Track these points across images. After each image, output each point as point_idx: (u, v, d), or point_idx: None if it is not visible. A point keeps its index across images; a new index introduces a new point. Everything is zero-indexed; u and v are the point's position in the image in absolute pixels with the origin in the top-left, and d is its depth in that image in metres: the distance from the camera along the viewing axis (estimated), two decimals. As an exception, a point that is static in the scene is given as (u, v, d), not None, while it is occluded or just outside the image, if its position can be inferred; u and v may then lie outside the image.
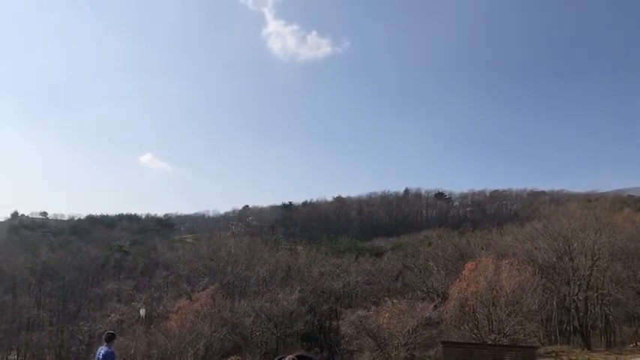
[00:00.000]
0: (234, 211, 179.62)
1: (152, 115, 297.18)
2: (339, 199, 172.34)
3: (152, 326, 62.40)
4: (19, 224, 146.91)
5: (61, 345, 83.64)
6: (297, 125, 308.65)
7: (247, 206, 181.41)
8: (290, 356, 1.30)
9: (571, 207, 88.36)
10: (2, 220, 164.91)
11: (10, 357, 79.37)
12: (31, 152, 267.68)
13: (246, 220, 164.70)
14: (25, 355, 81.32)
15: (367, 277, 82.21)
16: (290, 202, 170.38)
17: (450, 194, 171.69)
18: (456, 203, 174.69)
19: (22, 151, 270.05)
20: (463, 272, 60.74)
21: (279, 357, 1.28)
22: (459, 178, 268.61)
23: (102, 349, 12.71)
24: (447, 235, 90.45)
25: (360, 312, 57.62)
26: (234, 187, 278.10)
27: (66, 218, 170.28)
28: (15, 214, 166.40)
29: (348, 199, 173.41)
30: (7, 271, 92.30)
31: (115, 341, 13.32)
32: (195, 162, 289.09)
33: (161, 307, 72.32)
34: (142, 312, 33.67)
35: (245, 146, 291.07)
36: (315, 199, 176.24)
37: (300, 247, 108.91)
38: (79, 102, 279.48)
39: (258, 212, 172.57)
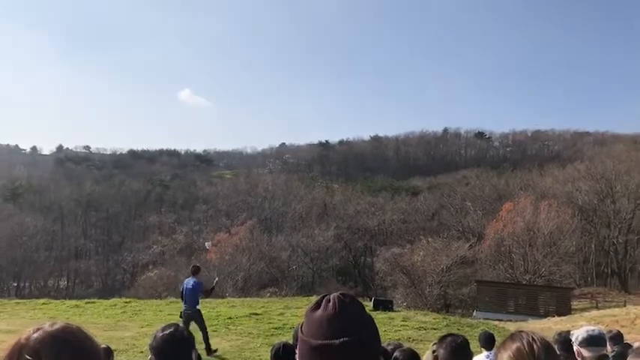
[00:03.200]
0: (271, 149, 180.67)
1: (190, 50, 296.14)
2: (376, 138, 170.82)
3: (193, 257, 64.75)
4: (64, 158, 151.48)
5: (107, 273, 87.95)
6: (334, 61, 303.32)
7: (284, 144, 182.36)
8: (335, 294, 1.32)
9: (616, 148, 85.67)
10: (48, 153, 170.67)
11: (61, 282, 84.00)
12: (74, 88, 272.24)
13: (283, 157, 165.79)
14: (74, 281, 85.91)
15: (403, 216, 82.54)
16: (327, 141, 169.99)
17: (491, 134, 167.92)
18: (496, 143, 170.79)
19: (66, 87, 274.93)
20: (500, 212, 60.38)
21: (324, 295, 1.30)
22: (501, 117, 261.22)
23: (190, 281, 13.38)
24: (486, 175, 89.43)
25: (395, 249, 58.24)
26: (271, 124, 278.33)
27: (108, 152, 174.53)
28: (60, 148, 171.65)
29: (385, 138, 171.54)
30: (55, 202, 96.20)
31: (201, 273, 14.22)
32: (233, 98, 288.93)
33: (201, 240, 74.72)
34: (208, 244, 33.96)
35: (283, 82, 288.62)
36: (351, 138, 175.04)
37: (336, 186, 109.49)
38: (121, 38, 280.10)
39: (295, 150, 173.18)
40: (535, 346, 1.79)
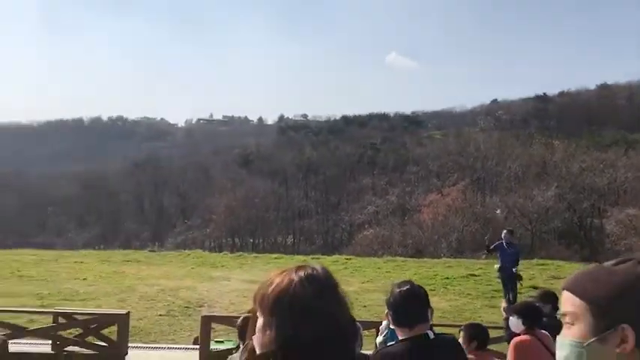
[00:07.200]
0: (481, 106, 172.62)
1: (394, 13, 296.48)
2: (604, 87, 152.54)
3: (406, 218, 66.00)
4: (285, 126, 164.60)
5: (327, 231, 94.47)
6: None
7: (496, 100, 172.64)
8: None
9: None
10: (271, 122, 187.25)
11: (287, 239, 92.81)
12: (289, 61, 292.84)
13: (495, 114, 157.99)
14: (299, 239, 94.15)
15: (638, 173, 73.18)
16: (544, 93, 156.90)
17: None
18: None
19: (281, 60, 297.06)
20: None
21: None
22: None
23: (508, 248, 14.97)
24: None
25: (630, 210, 52.18)
26: (481, 80, 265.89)
27: (323, 119, 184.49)
28: (281, 117, 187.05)
29: (616, 85, 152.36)
30: (279, 167, 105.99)
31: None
32: (440, 57, 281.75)
33: (413, 201, 75.69)
34: None
35: (488, 34, 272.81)
36: (573, 89, 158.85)
37: (556, 142, 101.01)
38: (328, 11, 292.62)
39: (508, 105, 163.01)
40: None
